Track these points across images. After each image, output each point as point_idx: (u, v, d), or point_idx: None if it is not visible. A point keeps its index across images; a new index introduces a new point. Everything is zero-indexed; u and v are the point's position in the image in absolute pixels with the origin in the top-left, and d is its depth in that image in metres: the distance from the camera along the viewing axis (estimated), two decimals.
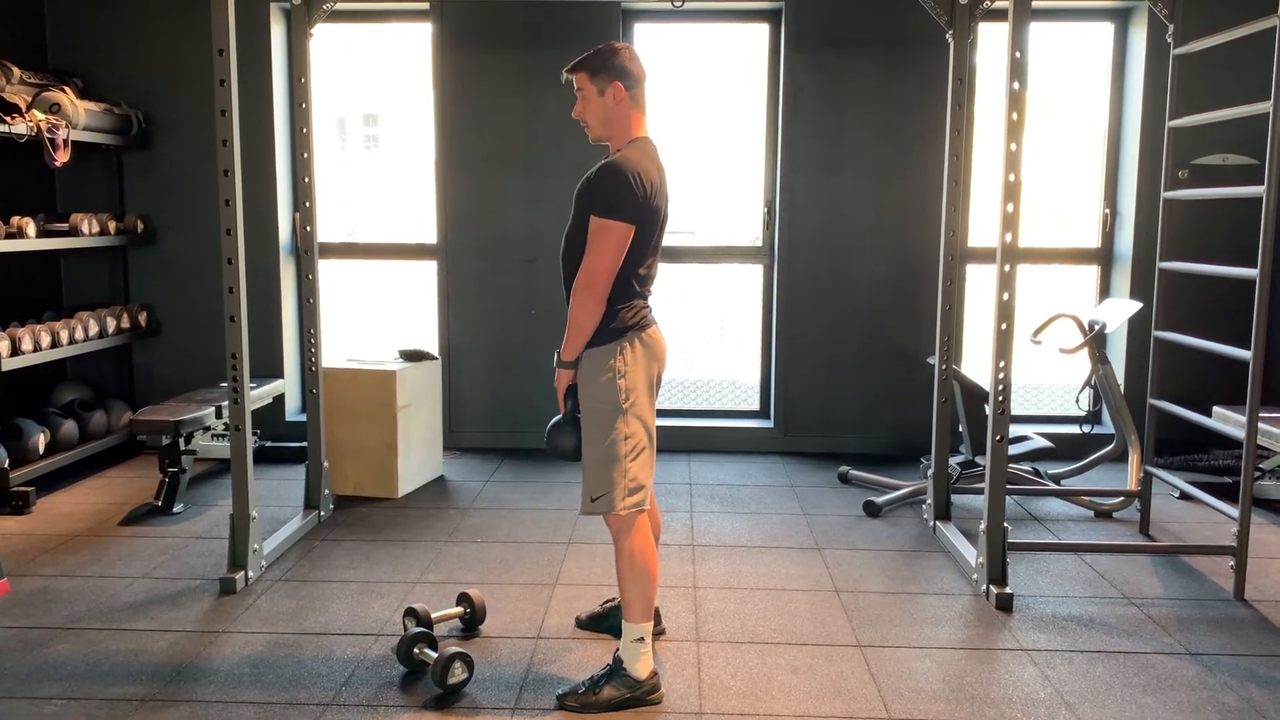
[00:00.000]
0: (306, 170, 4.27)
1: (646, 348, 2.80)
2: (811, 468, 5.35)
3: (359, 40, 6.15)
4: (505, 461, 5.41)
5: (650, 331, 2.83)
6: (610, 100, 2.76)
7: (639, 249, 2.74)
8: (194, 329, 5.56)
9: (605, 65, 2.76)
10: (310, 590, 3.62)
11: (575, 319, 2.73)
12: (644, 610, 2.80)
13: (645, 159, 2.74)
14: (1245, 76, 5.03)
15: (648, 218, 2.71)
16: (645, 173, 2.69)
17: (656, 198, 2.73)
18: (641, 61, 2.82)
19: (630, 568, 2.79)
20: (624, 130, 2.80)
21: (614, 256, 2.67)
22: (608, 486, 2.77)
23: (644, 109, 2.83)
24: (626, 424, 2.76)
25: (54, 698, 2.82)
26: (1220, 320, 4.28)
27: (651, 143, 2.83)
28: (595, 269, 2.67)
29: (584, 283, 2.69)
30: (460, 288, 5.60)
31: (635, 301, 2.79)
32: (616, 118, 2.79)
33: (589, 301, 2.69)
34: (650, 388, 2.83)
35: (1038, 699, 2.86)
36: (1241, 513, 3.59)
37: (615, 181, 2.66)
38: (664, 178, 2.80)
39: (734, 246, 5.91)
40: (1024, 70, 3.35)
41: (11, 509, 4.42)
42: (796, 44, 5.38)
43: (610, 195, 2.65)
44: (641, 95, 2.81)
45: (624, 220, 2.66)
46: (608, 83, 2.76)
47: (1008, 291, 3.44)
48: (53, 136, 4.54)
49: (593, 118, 2.81)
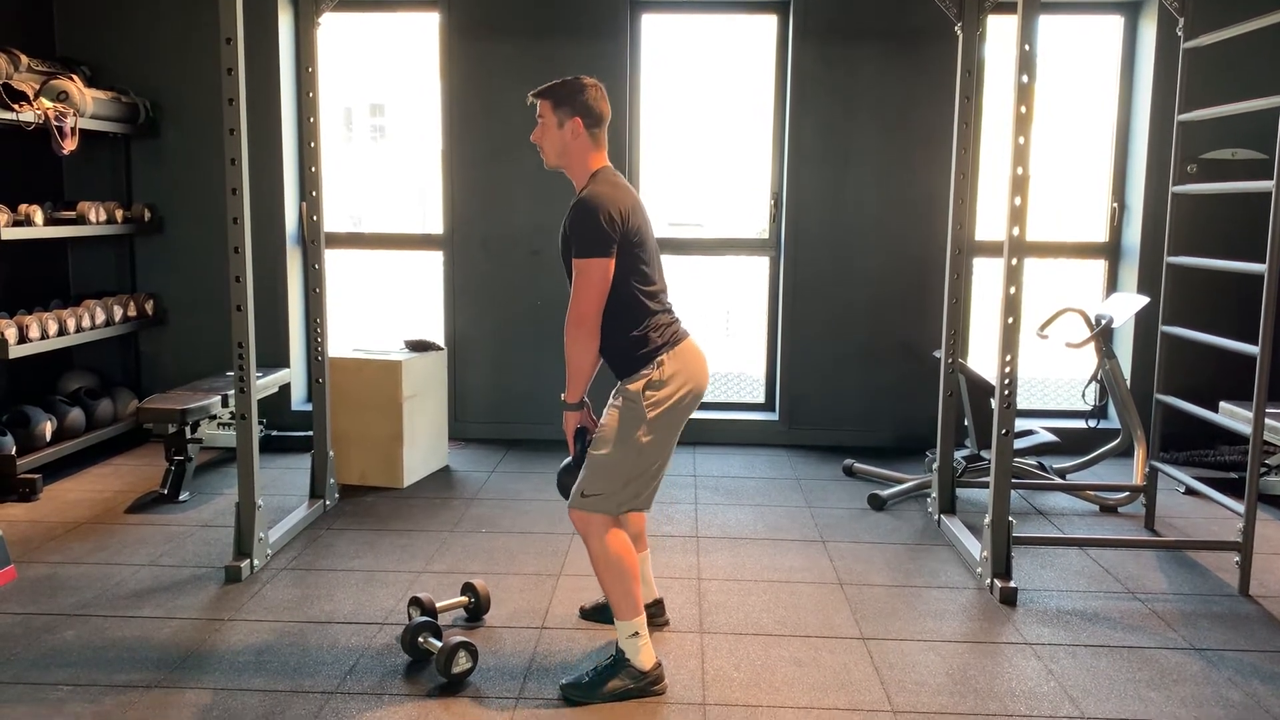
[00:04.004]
0: (313, 160, 4.27)
1: (683, 361, 2.81)
2: (816, 461, 5.35)
3: (366, 30, 6.15)
4: (510, 452, 5.42)
5: (684, 345, 2.84)
6: (568, 134, 2.80)
7: (635, 269, 2.77)
8: (200, 318, 5.57)
9: (569, 99, 2.78)
10: (315, 579, 3.63)
11: (571, 357, 2.78)
12: (631, 606, 2.80)
13: (611, 189, 2.77)
14: (1255, 71, 5.02)
15: (629, 243, 2.75)
16: (613, 203, 2.72)
17: (632, 220, 2.75)
18: (607, 102, 2.85)
19: (608, 569, 2.79)
20: (581, 165, 2.83)
21: (598, 293, 2.72)
22: (605, 490, 2.77)
23: (603, 147, 2.85)
24: (648, 435, 2.76)
25: (60, 684, 2.83)
26: (1227, 315, 4.26)
27: (612, 170, 2.86)
28: (582, 307, 2.73)
29: (574, 321, 2.74)
30: (466, 278, 5.60)
31: (658, 319, 2.82)
32: (573, 152, 2.82)
33: (580, 338, 2.75)
34: (680, 408, 2.82)
35: (1041, 693, 2.86)
36: (1247, 508, 3.59)
37: (585, 221, 2.70)
38: (635, 198, 2.83)
39: (740, 239, 5.90)
40: (1033, 63, 3.34)
41: (18, 496, 4.44)
42: (804, 35, 5.36)
43: (584, 235, 2.70)
44: (602, 135, 2.84)
45: (600, 256, 2.70)
46: (568, 116, 2.79)
47: (1014, 285, 3.43)
48: (60, 125, 4.54)
49: (549, 146, 2.84)
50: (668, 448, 2.85)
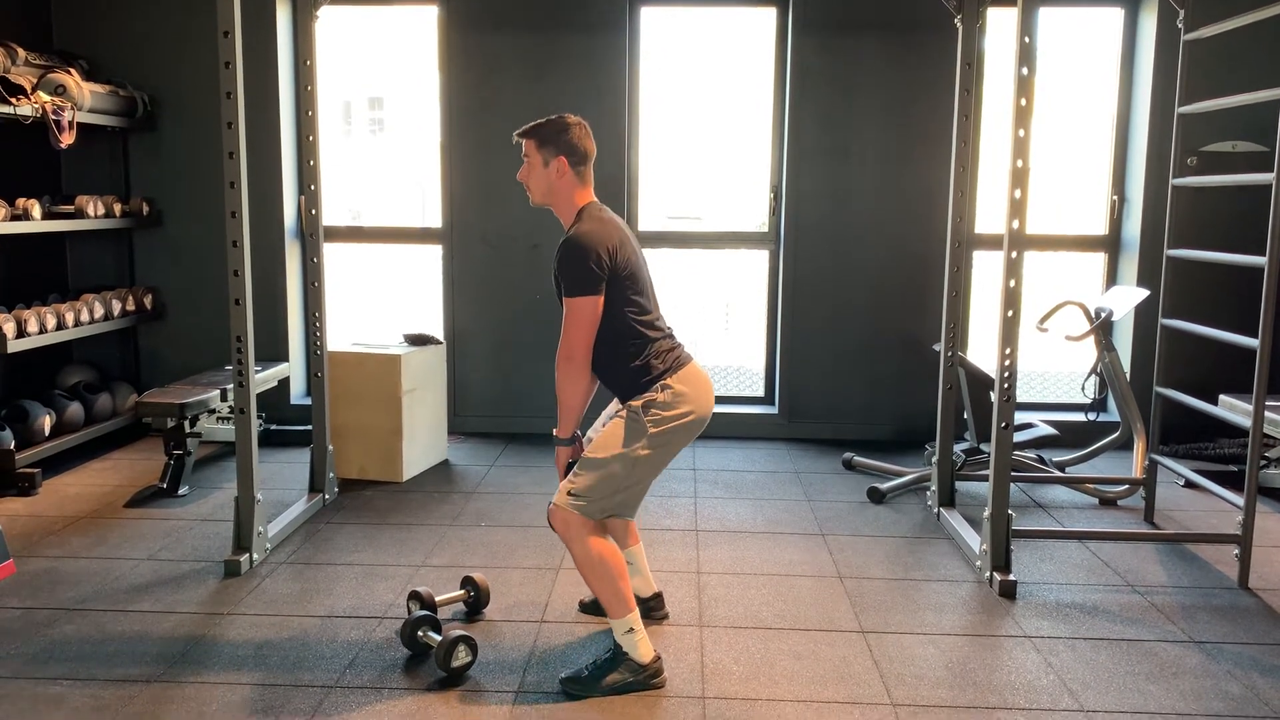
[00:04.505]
0: (311, 153, 4.26)
1: (689, 384, 2.83)
2: (816, 454, 5.35)
3: (364, 23, 6.14)
4: (509, 446, 5.42)
5: (690, 369, 2.87)
6: (554, 173, 2.84)
7: (630, 300, 2.80)
8: (199, 312, 5.56)
9: (554, 138, 2.82)
10: (315, 573, 3.63)
11: (561, 393, 2.82)
12: (622, 604, 2.80)
13: (598, 225, 2.79)
14: (1256, 63, 5.01)
15: (620, 277, 2.77)
16: (601, 242, 2.74)
17: (620, 255, 2.78)
18: (592, 139, 2.89)
19: (593, 571, 2.78)
20: (567, 202, 2.87)
21: (587, 330, 2.76)
22: (594, 495, 2.77)
23: (589, 183, 2.89)
24: (646, 449, 2.78)
25: (59, 678, 2.83)
26: (1227, 308, 4.26)
27: (598, 205, 2.89)
28: (572, 344, 2.77)
29: (564, 357, 2.78)
30: (465, 272, 5.59)
31: (659, 345, 2.85)
32: (559, 190, 2.86)
33: (570, 374, 2.79)
34: (682, 430, 2.83)
35: (1041, 686, 2.87)
36: (1247, 501, 3.59)
37: (572, 261, 2.73)
38: (623, 232, 2.85)
39: (740, 232, 5.90)
40: (1033, 55, 3.33)
41: (18, 490, 4.44)
42: (804, 28, 5.34)
43: (571, 274, 2.74)
44: (587, 172, 2.88)
45: (588, 294, 2.74)
46: (553, 155, 2.83)
47: (1014, 278, 3.43)
48: (58, 118, 4.53)
49: (535, 185, 2.89)
50: (660, 466, 2.88)
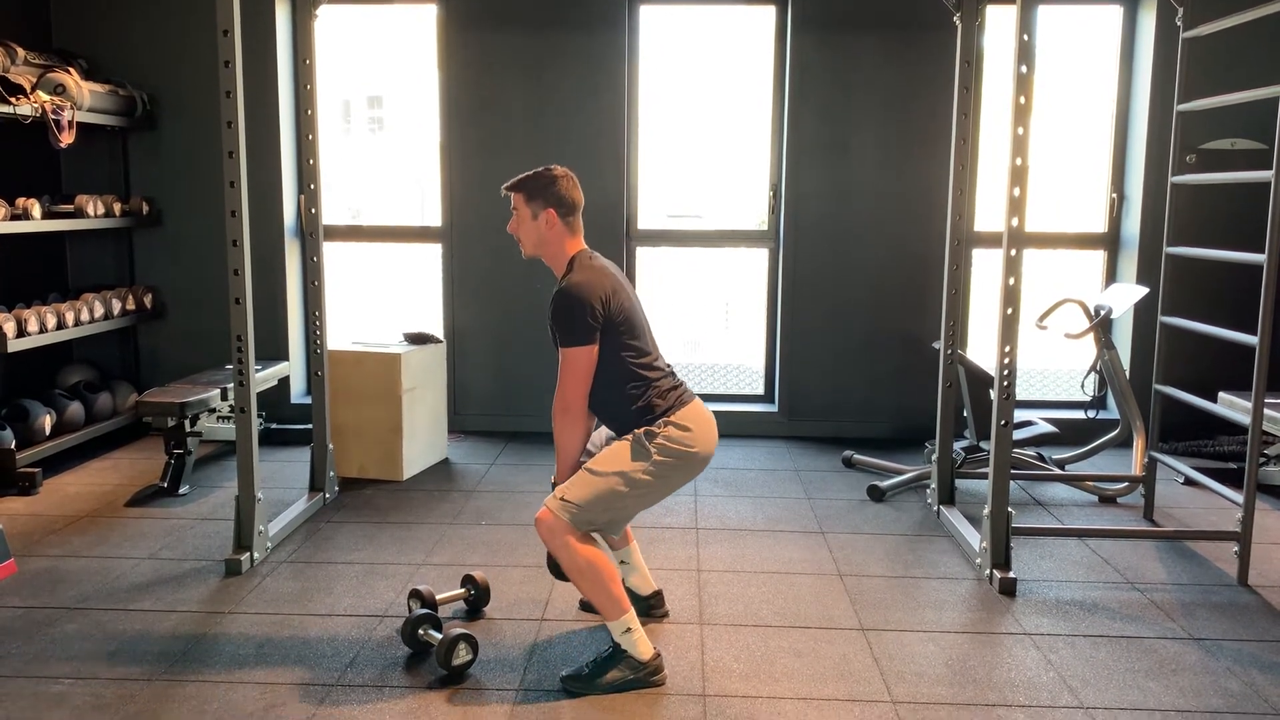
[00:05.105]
0: (311, 152, 4.27)
1: (694, 421, 2.87)
2: (815, 452, 5.35)
3: (364, 22, 6.14)
4: (510, 444, 5.42)
5: (693, 406, 2.91)
6: (543, 225, 2.88)
7: (626, 345, 2.83)
8: (199, 311, 5.56)
9: (542, 191, 2.86)
10: (315, 572, 3.63)
11: (558, 441, 2.88)
12: (616, 605, 2.80)
13: (591, 274, 2.82)
14: (1255, 61, 5.01)
15: (614, 324, 2.81)
16: (593, 292, 2.77)
17: (614, 302, 2.80)
18: (580, 190, 2.91)
19: (583, 576, 2.78)
20: (558, 252, 2.90)
21: (583, 379, 2.80)
22: (586, 507, 2.77)
23: (579, 232, 2.92)
24: (646, 474, 2.80)
25: (60, 677, 2.84)
26: (1227, 306, 4.26)
27: (589, 253, 2.91)
28: (568, 394, 2.81)
29: (560, 409, 2.82)
30: (465, 271, 5.60)
31: (660, 385, 2.88)
32: (549, 241, 2.90)
33: (567, 424, 2.84)
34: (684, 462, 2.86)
35: (1040, 683, 2.87)
36: (1246, 498, 3.59)
37: (566, 312, 2.78)
38: (615, 278, 2.87)
39: (739, 230, 5.90)
40: (1032, 53, 3.33)
41: (18, 490, 4.44)
42: (803, 26, 5.34)
43: (565, 325, 2.78)
44: (576, 221, 2.91)
45: (583, 344, 2.78)
46: (542, 208, 2.86)
47: (1013, 276, 3.43)
48: (57, 118, 4.53)
49: (525, 237, 2.93)
50: (653, 499, 2.91)
